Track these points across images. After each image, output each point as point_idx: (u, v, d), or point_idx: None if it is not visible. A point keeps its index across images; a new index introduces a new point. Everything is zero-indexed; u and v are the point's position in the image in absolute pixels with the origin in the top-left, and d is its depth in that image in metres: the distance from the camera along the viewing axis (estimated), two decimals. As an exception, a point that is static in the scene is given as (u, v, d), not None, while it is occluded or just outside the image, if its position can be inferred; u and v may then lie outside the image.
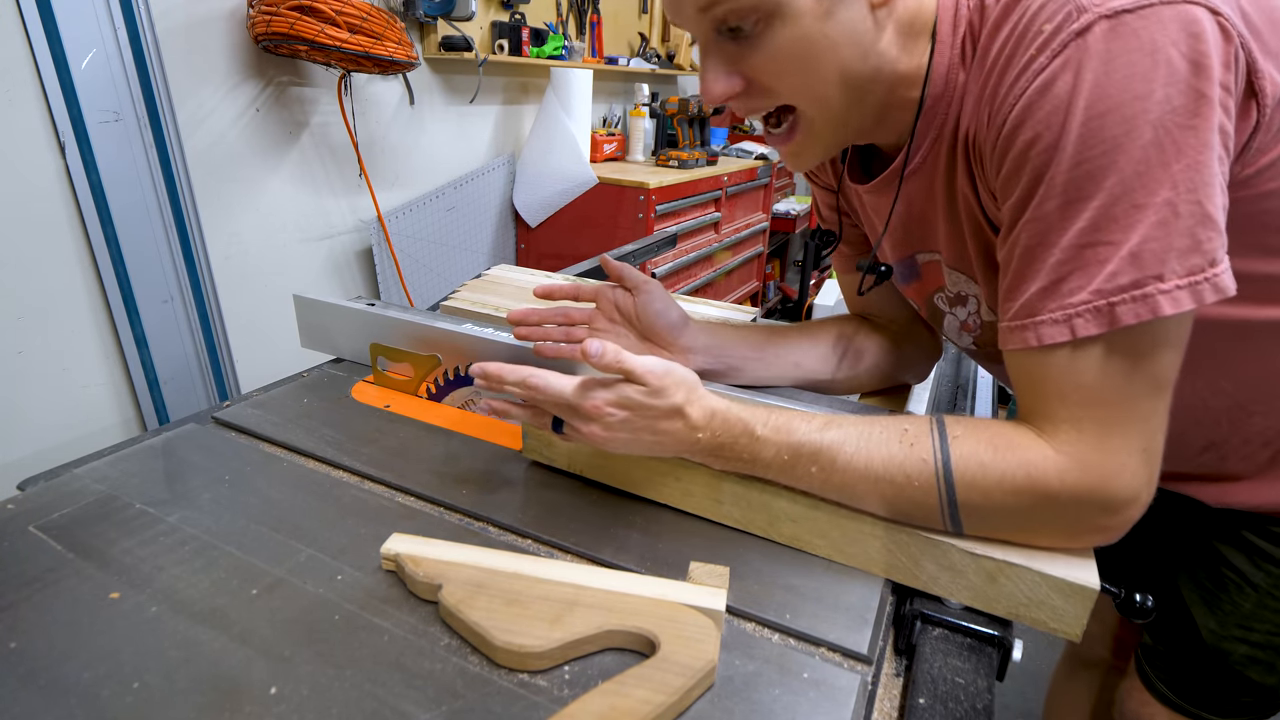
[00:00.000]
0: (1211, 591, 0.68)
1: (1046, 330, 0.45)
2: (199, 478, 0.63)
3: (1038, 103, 0.43)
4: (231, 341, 1.44)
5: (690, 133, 2.47)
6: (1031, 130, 0.44)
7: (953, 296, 0.65)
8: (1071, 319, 0.44)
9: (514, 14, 2.01)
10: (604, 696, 0.41)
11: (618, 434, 0.53)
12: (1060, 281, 0.44)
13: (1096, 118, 0.41)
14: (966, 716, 0.44)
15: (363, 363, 0.87)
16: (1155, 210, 0.41)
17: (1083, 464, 0.46)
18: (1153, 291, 0.42)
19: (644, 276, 0.70)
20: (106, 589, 0.49)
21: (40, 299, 1.15)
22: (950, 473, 0.49)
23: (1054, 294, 0.45)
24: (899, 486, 0.50)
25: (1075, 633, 0.49)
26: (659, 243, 1.72)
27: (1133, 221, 0.42)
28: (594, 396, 0.52)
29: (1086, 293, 0.43)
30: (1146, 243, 0.42)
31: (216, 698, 0.41)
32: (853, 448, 0.51)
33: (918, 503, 0.50)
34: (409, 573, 0.49)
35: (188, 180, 1.29)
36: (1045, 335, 0.45)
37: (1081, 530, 0.48)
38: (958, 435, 0.50)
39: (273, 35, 1.27)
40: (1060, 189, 0.43)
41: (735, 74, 0.52)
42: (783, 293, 3.63)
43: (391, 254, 1.77)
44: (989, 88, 0.48)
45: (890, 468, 0.50)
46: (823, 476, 0.52)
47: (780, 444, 0.52)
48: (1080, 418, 0.46)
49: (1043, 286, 0.45)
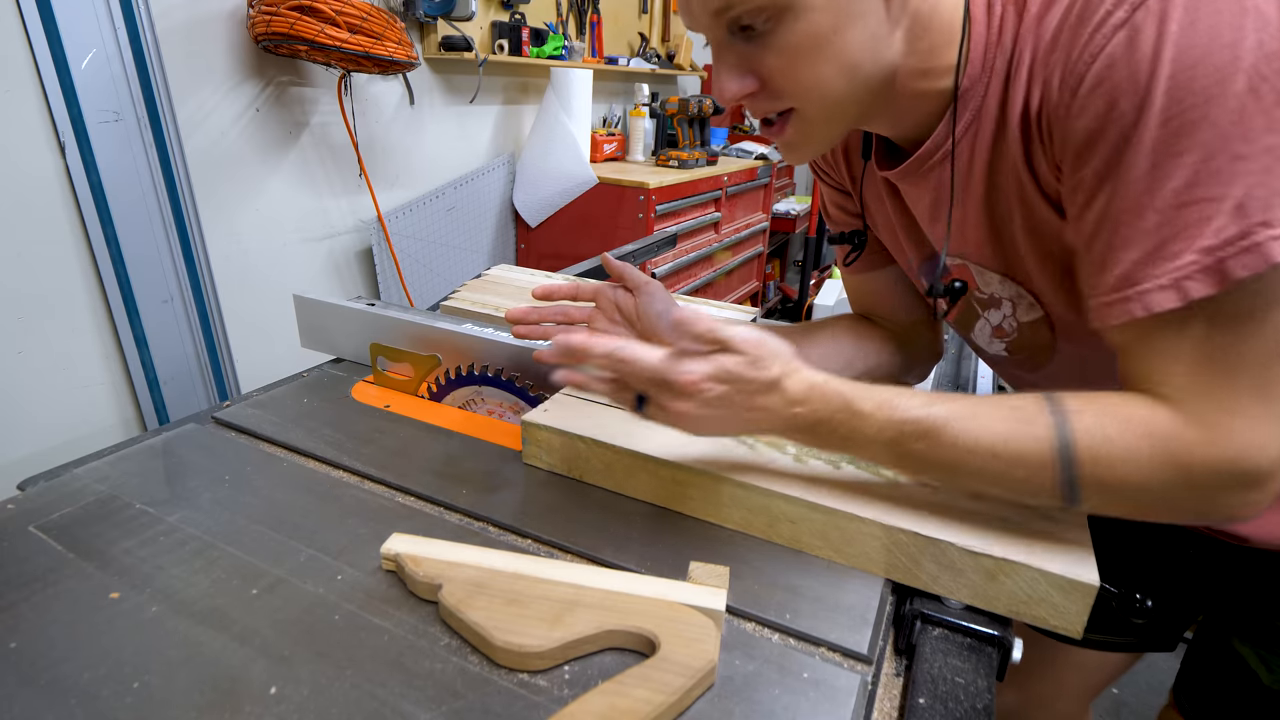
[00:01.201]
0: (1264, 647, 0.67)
1: (1154, 297, 0.43)
2: (199, 478, 0.63)
3: (1120, 59, 0.42)
4: (231, 341, 1.44)
5: (690, 133, 2.47)
6: (1112, 89, 0.42)
7: (985, 299, 0.63)
8: (1180, 282, 0.42)
9: (514, 14, 2.01)
10: (604, 696, 0.41)
11: (712, 411, 0.50)
12: (1163, 245, 0.42)
13: (1185, 69, 0.40)
14: (966, 716, 0.44)
15: (363, 363, 0.87)
16: (1257, 158, 0.39)
17: (1218, 434, 0.43)
18: (1262, 239, 0.39)
19: (645, 276, 0.70)
20: (106, 589, 0.49)
21: (40, 299, 1.15)
22: (1070, 448, 0.46)
23: (1156, 259, 0.42)
24: (1012, 463, 0.47)
25: (1076, 629, 0.49)
26: (659, 243, 1.72)
27: (1234, 173, 0.40)
28: (690, 369, 0.49)
29: (1193, 253, 0.41)
30: (1252, 191, 0.39)
31: (216, 698, 0.41)
32: (961, 424, 0.48)
33: (1031, 480, 0.47)
34: (409, 573, 0.49)
35: (188, 180, 1.29)
36: (1153, 303, 0.43)
37: (1217, 506, 0.45)
38: (1076, 409, 0.47)
39: (273, 35, 1.27)
40: (1150, 148, 0.41)
41: (749, 74, 0.52)
42: (783, 293, 3.63)
43: (391, 254, 1.77)
44: (1058, 51, 0.46)
45: (1003, 444, 0.47)
46: (930, 455, 0.49)
47: (883, 420, 0.50)
48: (1208, 385, 0.43)
49: (1144, 252, 0.43)
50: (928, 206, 0.61)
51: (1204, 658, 0.73)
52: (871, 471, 0.58)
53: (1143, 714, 1.54)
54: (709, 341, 0.50)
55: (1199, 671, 0.73)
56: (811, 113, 0.53)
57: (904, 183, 0.62)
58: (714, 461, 0.59)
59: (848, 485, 0.56)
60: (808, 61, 0.49)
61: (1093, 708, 1.03)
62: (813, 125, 0.54)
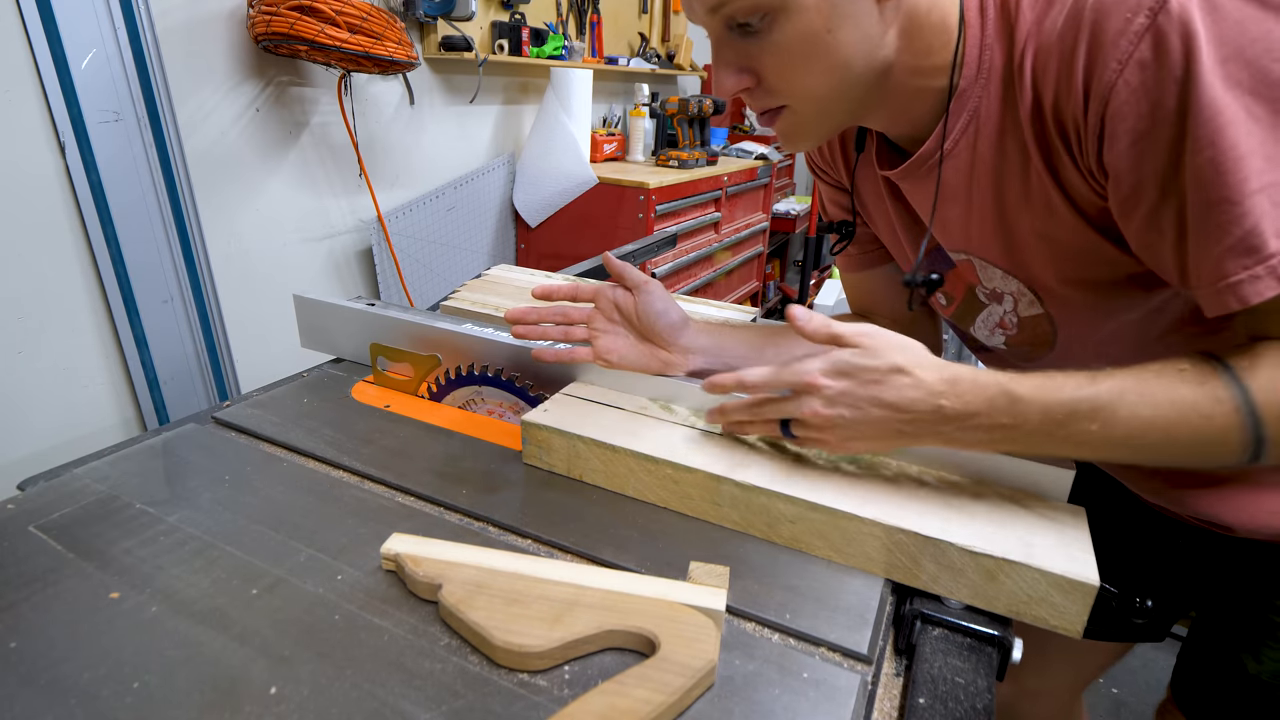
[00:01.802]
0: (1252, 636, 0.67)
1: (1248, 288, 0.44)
2: (199, 478, 0.63)
3: (1150, 63, 0.43)
4: (231, 341, 1.44)
5: (690, 133, 2.46)
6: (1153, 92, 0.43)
7: (988, 293, 0.64)
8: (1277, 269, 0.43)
9: (514, 14, 2.01)
10: (604, 696, 0.41)
11: (840, 410, 0.51)
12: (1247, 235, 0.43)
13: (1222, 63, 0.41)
14: (966, 716, 0.44)
15: (363, 363, 0.87)
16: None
17: None
18: None
19: (644, 276, 0.70)
20: (106, 589, 0.49)
21: (40, 299, 1.15)
22: (1253, 405, 0.45)
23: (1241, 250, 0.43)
24: (1196, 428, 0.46)
25: (1076, 629, 0.49)
26: (659, 243, 1.72)
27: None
28: (805, 368, 0.51)
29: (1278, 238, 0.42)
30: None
31: (216, 698, 0.41)
32: (1135, 395, 0.47)
33: (1219, 443, 0.47)
34: (409, 573, 0.49)
35: (188, 180, 1.29)
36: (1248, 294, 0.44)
37: None
38: (1245, 366, 0.46)
39: (273, 35, 1.27)
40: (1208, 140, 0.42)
41: (745, 70, 0.53)
42: (783, 293, 3.63)
43: (391, 254, 1.77)
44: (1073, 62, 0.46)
45: (1184, 410, 0.46)
46: (1104, 433, 0.48)
47: (1048, 403, 0.48)
48: None
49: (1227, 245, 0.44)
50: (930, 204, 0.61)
51: (1198, 651, 0.73)
52: (871, 471, 0.58)
53: (1142, 713, 1.54)
54: (822, 338, 0.51)
55: (1194, 665, 0.73)
56: (804, 109, 0.55)
57: (906, 182, 0.63)
58: (714, 461, 0.59)
59: (848, 485, 0.56)
60: (800, 60, 0.51)
61: (1092, 708, 1.03)
62: (805, 121, 0.56)
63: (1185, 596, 0.77)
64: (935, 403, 0.49)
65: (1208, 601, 0.73)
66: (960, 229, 0.61)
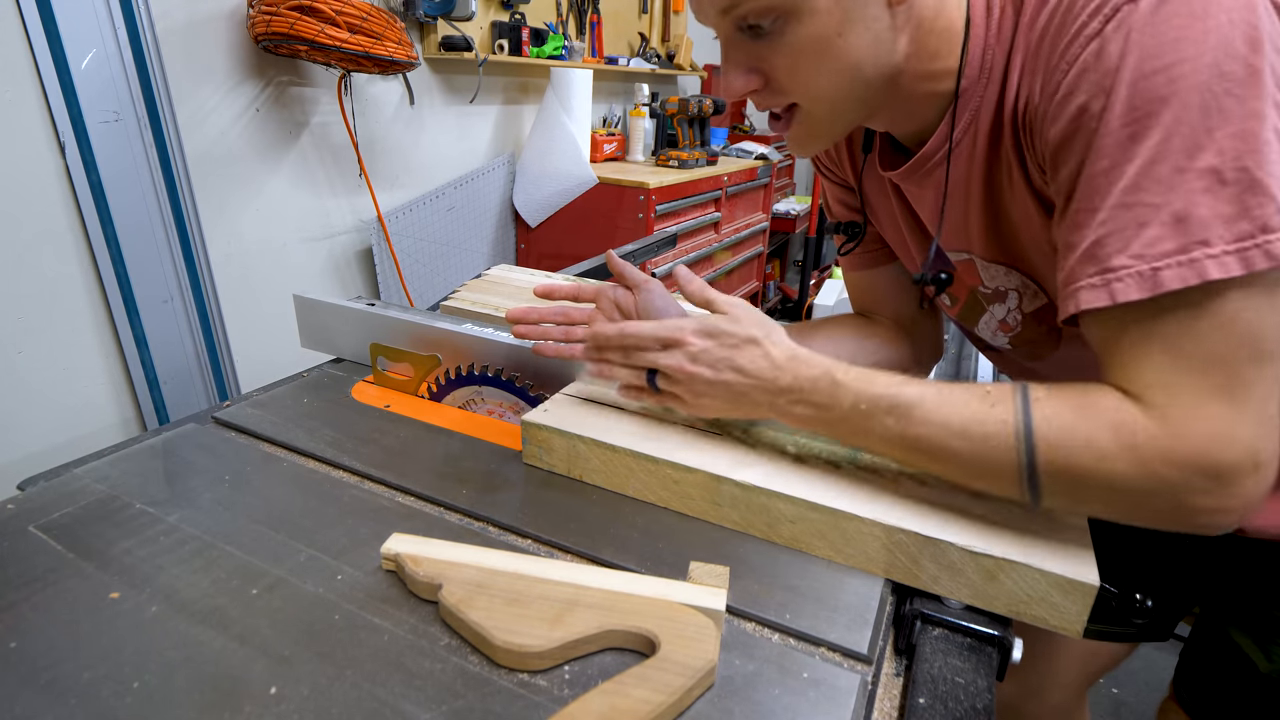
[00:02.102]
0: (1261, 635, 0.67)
1: (1084, 295, 0.44)
2: (199, 478, 0.63)
3: (1091, 67, 0.43)
4: (231, 341, 1.44)
5: (690, 133, 2.47)
6: (1084, 95, 0.44)
7: (989, 293, 0.64)
8: (1111, 284, 0.43)
9: (514, 14, 2.01)
10: (604, 696, 0.41)
11: (700, 368, 0.55)
12: (1100, 243, 0.44)
13: (1144, 78, 0.41)
14: (966, 716, 0.44)
15: (363, 363, 0.87)
16: (1199, 176, 0.40)
17: (1179, 429, 0.42)
18: (1199, 256, 0.40)
19: (645, 275, 0.70)
20: (106, 589, 0.49)
21: (40, 299, 1.15)
22: (1031, 434, 0.46)
23: (1093, 257, 0.44)
24: (975, 444, 0.48)
25: (1076, 629, 0.49)
26: (659, 243, 1.72)
27: (1175, 184, 0.41)
28: (679, 323, 0.57)
29: (1126, 256, 0.42)
30: (1191, 208, 0.41)
31: (216, 698, 0.41)
32: (932, 403, 0.49)
33: (994, 465, 0.48)
34: (409, 573, 0.49)
35: (188, 180, 1.29)
36: (1083, 300, 0.44)
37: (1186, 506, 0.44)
38: (1039, 397, 0.47)
39: (273, 35, 1.27)
40: (1107, 151, 0.43)
41: (754, 71, 0.53)
42: (783, 293, 3.63)
43: (391, 254, 1.77)
44: (1040, 57, 0.48)
45: (969, 425, 0.48)
46: (899, 429, 0.50)
47: (860, 392, 0.52)
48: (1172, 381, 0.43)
49: (1085, 250, 0.45)
50: (931, 205, 0.62)
51: (1202, 649, 0.73)
52: (871, 471, 0.58)
53: (1143, 713, 1.54)
54: (699, 301, 0.58)
55: (1198, 663, 0.73)
56: (814, 110, 0.55)
57: (907, 183, 0.63)
58: (714, 461, 0.59)
59: (848, 485, 0.56)
60: (811, 63, 0.51)
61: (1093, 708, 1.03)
62: (816, 122, 0.56)
63: (1188, 595, 0.77)
64: (774, 374, 0.54)
65: (1212, 600, 0.73)
66: (960, 228, 0.61)
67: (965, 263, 0.64)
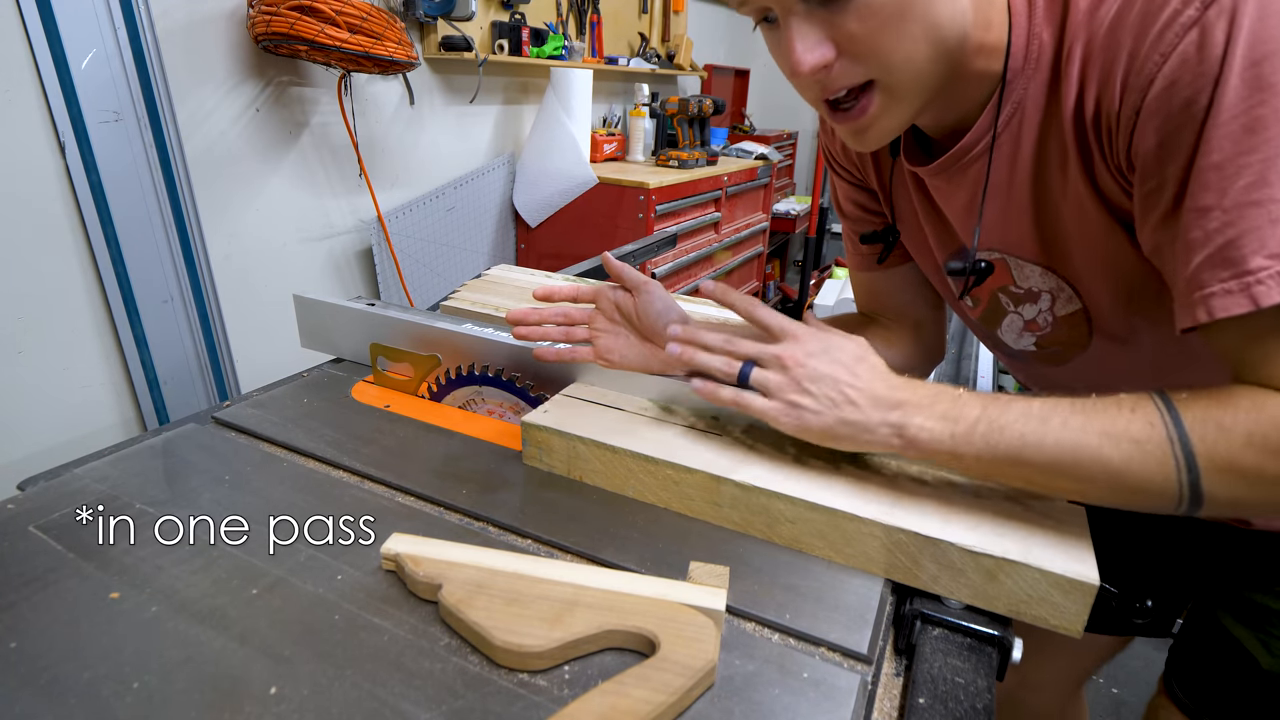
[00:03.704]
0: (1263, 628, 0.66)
1: (1219, 302, 0.41)
2: (199, 478, 0.63)
3: (1192, 58, 0.41)
4: (231, 341, 1.44)
5: (690, 133, 2.47)
6: (1188, 88, 0.41)
7: (1021, 294, 0.62)
8: (1251, 287, 0.40)
9: (514, 14, 2.01)
10: (604, 696, 0.41)
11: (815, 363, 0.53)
12: (1227, 246, 0.41)
13: (1255, 64, 0.39)
14: (966, 716, 0.44)
15: (363, 363, 0.87)
16: None
17: None
18: None
19: (644, 277, 0.70)
20: (106, 589, 0.49)
21: (40, 299, 1.15)
22: (1186, 435, 0.43)
23: (1221, 261, 0.41)
24: (1128, 451, 0.44)
25: (1076, 629, 0.49)
26: (659, 243, 1.72)
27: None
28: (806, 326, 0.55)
29: (1262, 257, 0.39)
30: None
31: (216, 698, 0.41)
32: (1066, 411, 0.46)
33: (1149, 472, 0.44)
34: (409, 573, 0.49)
35: (188, 180, 1.29)
36: (1217, 307, 0.41)
37: None
38: (1183, 399, 0.44)
39: (273, 35, 1.27)
40: (1219, 145, 0.40)
41: (827, 41, 0.48)
42: (783, 293, 3.63)
43: (391, 254, 1.77)
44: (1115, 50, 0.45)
45: (1115, 431, 0.44)
46: (1035, 443, 0.46)
47: (984, 402, 0.48)
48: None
49: (1209, 254, 0.41)
50: (964, 202, 0.60)
51: (1197, 644, 0.72)
52: (871, 470, 0.58)
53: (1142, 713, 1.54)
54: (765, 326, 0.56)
55: (1193, 658, 0.73)
56: (896, 81, 0.50)
57: (938, 179, 0.61)
58: (714, 462, 0.59)
59: (848, 485, 0.56)
60: (895, 23, 0.47)
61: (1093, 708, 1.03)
62: (898, 96, 0.51)
63: (1185, 590, 0.77)
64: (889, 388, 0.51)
65: (1209, 594, 0.73)
66: (997, 226, 0.59)
67: (997, 261, 0.62)
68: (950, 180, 0.60)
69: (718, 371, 0.57)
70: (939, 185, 0.62)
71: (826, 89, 0.51)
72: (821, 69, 0.49)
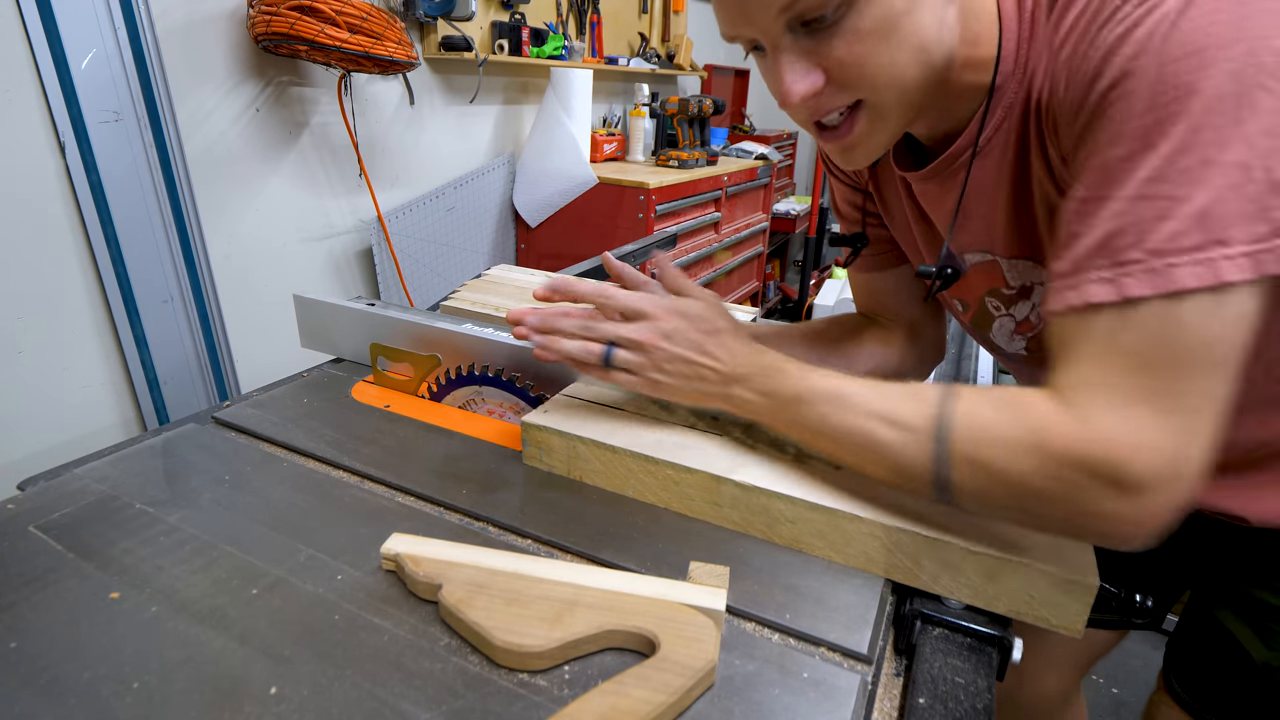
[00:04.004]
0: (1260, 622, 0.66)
1: (1092, 288, 0.42)
2: (199, 478, 0.63)
3: (1119, 49, 0.41)
4: (231, 341, 1.44)
5: (690, 133, 2.47)
6: (1110, 77, 0.42)
7: (1013, 294, 0.62)
8: (1121, 277, 0.41)
9: (514, 14, 2.01)
10: (604, 696, 0.41)
11: (671, 345, 0.57)
12: (1115, 235, 0.41)
13: (1174, 61, 0.39)
14: (966, 716, 0.44)
15: (363, 363, 0.87)
16: (1226, 170, 0.38)
17: (1099, 431, 0.41)
18: (1216, 256, 0.38)
19: (643, 277, 0.70)
20: (106, 589, 0.49)
21: (40, 299, 1.15)
22: (948, 424, 0.46)
23: (1106, 249, 0.41)
24: (899, 433, 0.48)
25: (1076, 629, 0.49)
26: (659, 243, 1.72)
27: (1201, 177, 0.39)
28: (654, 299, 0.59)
29: (1140, 250, 0.40)
30: (1216, 204, 0.38)
31: (216, 698, 0.41)
32: (866, 394, 0.51)
33: (912, 456, 0.48)
34: (409, 573, 0.49)
35: (188, 180, 1.29)
36: (1091, 294, 0.42)
37: (1088, 509, 0.42)
38: (965, 394, 0.48)
39: (273, 35, 1.27)
40: (1128, 136, 0.41)
41: (816, 69, 0.49)
42: (783, 293, 3.63)
43: (391, 254, 1.77)
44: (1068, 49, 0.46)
45: (894, 414, 0.49)
46: (829, 420, 0.52)
47: (801, 378, 0.54)
48: (1109, 385, 0.42)
49: (1096, 241, 0.42)
50: (950, 207, 0.60)
51: (1195, 640, 0.73)
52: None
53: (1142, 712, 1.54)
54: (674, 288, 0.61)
55: (1191, 654, 0.73)
56: (884, 101, 0.51)
57: (926, 183, 0.61)
58: (714, 462, 0.59)
59: (848, 485, 0.56)
60: (883, 46, 0.48)
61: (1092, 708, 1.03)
62: (885, 115, 0.52)
63: (1180, 583, 0.77)
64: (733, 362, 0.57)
65: (1207, 591, 0.73)
66: (984, 228, 0.59)
67: (987, 264, 0.62)
68: (940, 185, 0.60)
69: (581, 357, 0.60)
70: (928, 190, 0.62)
71: (816, 113, 0.52)
72: (812, 97, 0.50)
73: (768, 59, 0.51)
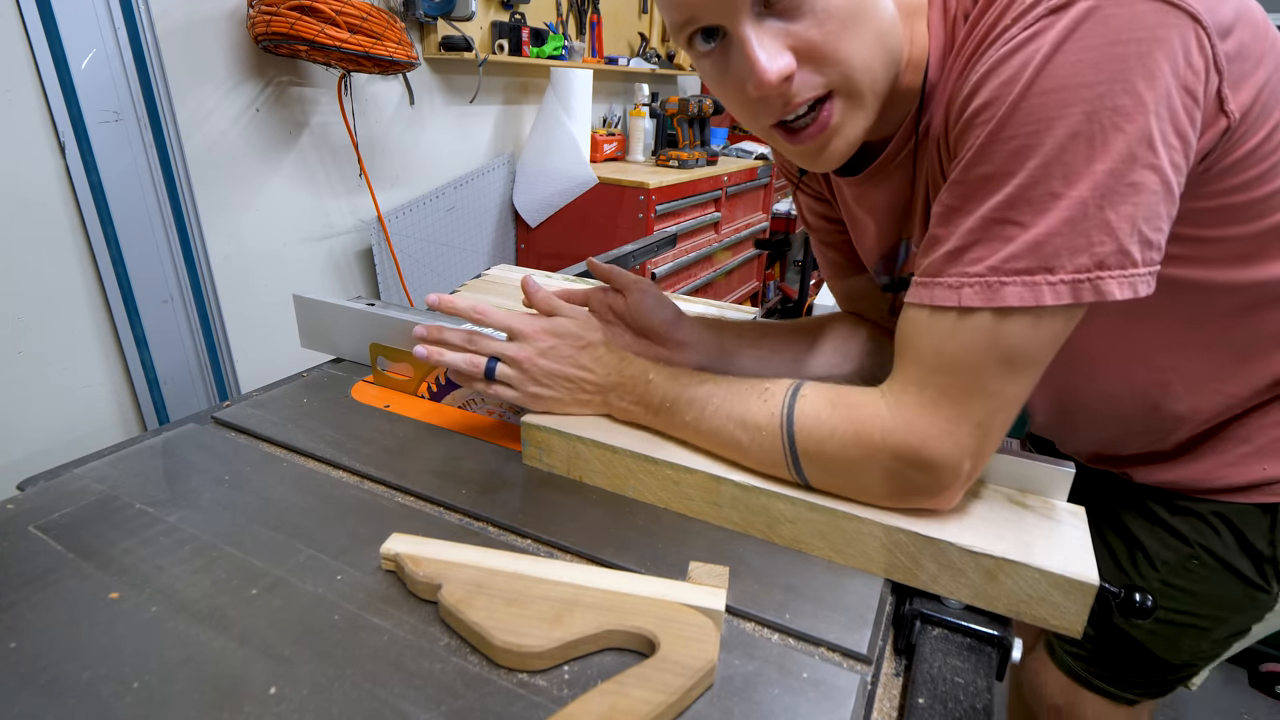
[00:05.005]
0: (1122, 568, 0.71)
1: (940, 293, 0.47)
2: (199, 478, 0.63)
3: (996, 70, 0.44)
4: (231, 341, 1.44)
5: (690, 133, 2.46)
6: (983, 97, 0.44)
7: None
8: (962, 287, 0.46)
9: (514, 14, 2.01)
10: (604, 696, 0.41)
11: (547, 362, 0.62)
12: (965, 249, 0.46)
13: (1039, 94, 0.42)
14: (966, 716, 0.44)
15: (363, 363, 0.87)
16: (1068, 206, 0.42)
17: (908, 424, 0.49)
18: (1040, 281, 0.44)
19: (634, 277, 0.70)
20: (106, 589, 0.49)
21: (40, 299, 1.15)
22: (791, 424, 0.53)
23: (958, 259, 0.46)
24: (752, 434, 0.55)
25: (1076, 629, 0.49)
26: (659, 243, 1.71)
27: (1045, 209, 0.43)
28: (532, 321, 0.63)
29: (983, 266, 0.45)
30: (1052, 235, 0.43)
31: (216, 698, 0.41)
32: (720, 399, 0.57)
33: (768, 450, 0.55)
34: (409, 573, 0.49)
35: (188, 180, 1.29)
36: (938, 297, 0.47)
37: (903, 489, 0.51)
38: (805, 394, 0.55)
39: (273, 35, 1.27)
40: (990, 158, 0.44)
41: (786, 51, 0.48)
42: (783, 293, 3.63)
43: (391, 254, 1.77)
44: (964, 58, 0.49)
45: (746, 418, 0.56)
46: (695, 425, 0.59)
47: (666, 389, 0.60)
48: (926, 382, 0.49)
49: (951, 249, 0.47)
50: (885, 207, 0.62)
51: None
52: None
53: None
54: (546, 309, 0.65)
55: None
56: (855, 87, 0.50)
57: (862, 187, 0.63)
58: (714, 462, 0.59)
59: (847, 485, 0.56)
60: (851, 27, 0.48)
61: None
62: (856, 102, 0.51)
63: None
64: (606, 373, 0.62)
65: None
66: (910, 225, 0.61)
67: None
68: (874, 187, 0.62)
69: (464, 368, 0.64)
70: (862, 192, 0.64)
71: (789, 104, 0.50)
72: (785, 80, 0.48)
73: (723, 53, 0.50)
